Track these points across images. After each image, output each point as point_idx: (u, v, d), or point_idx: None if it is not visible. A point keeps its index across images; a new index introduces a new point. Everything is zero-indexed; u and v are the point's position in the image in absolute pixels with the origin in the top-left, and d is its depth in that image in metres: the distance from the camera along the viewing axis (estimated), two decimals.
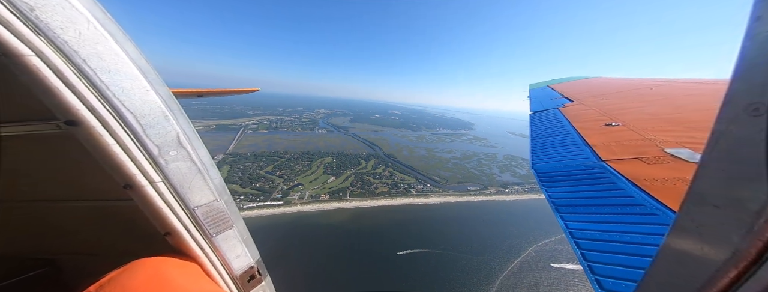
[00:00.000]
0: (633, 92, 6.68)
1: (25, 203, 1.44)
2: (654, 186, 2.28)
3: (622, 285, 1.60)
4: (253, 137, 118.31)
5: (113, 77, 0.93)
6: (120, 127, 0.95)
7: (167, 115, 1.07)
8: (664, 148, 2.94)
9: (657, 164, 2.64)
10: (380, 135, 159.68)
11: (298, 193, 67.93)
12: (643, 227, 1.93)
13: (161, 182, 1.04)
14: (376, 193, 72.52)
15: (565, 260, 46.07)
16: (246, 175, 73.51)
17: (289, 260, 39.78)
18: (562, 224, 2.29)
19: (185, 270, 1.06)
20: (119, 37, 0.97)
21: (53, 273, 1.70)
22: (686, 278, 0.56)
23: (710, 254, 0.51)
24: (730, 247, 0.47)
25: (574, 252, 1.93)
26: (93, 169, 0.97)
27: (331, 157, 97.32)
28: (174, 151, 1.07)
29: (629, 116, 4.46)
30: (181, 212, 1.09)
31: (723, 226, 0.49)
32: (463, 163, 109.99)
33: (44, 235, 1.65)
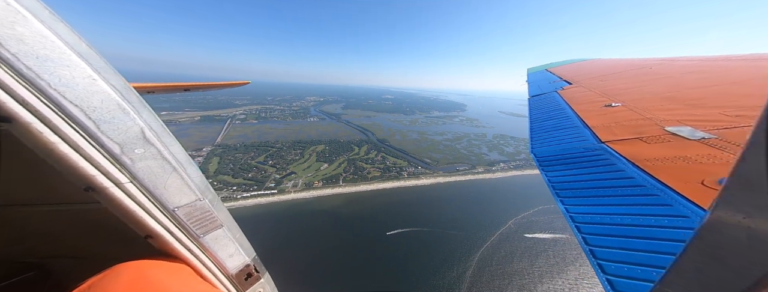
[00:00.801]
0: (632, 72, 6.45)
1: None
2: (655, 166, 2.19)
3: (625, 269, 1.52)
4: (241, 128, 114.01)
5: (44, 64, 0.79)
6: (64, 123, 0.82)
7: (125, 109, 0.95)
8: (664, 126, 2.85)
9: (657, 143, 2.56)
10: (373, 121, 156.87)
11: (292, 181, 68.05)
12: (644, 208, 1.84)
13: (129, 182, 0.95)
14: (369, 177, 73.44)
15: (539, 231, 49.37)
16: (237, 166, 72.30)
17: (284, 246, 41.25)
18: (562, 209, 2.20)
19: (173, 272, 1.03)
20: (44, 17, 0.81)
21: (42, 277, 1.64)
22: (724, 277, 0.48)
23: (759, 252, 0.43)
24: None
25: (576, 237, 1.86)
26: (50, 171, 0.86)
27: (324, 144, 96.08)
28: (140, 148, 0.97)
29: (629, 96, 4.32)
30: (160, 213, 1.02)
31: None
32: (454, 144, 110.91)
33: (27, 239, 1.54)
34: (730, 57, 5.90)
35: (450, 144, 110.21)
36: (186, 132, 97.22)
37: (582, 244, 1.81)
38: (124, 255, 0.95)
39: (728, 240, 0.46)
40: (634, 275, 1.48)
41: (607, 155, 2.64)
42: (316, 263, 38.53)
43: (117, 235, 1.08)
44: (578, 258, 41.80)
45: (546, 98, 5.92)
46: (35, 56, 0.77)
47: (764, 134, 0.39)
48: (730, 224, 0.45)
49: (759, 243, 0.42)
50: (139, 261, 0.95)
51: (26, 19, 0.76)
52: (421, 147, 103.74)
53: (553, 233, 48.34)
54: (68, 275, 1.55)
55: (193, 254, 1.11)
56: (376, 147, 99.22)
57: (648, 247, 1.60)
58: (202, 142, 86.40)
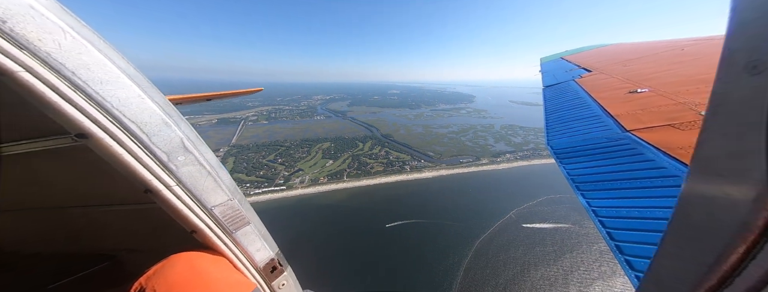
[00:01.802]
0: (661, 55, 6.00)
1: (80, 208, 1.63)
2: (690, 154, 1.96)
3: None
4: (254, 129, 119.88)
5: (106, 88, 0.92)
6: (126, 137, 0.96)
7: (167, 122, 1.08)
8: (701, 111, 2.63)
9: (693, 129, 2.35)
10: (378, 116, 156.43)
11: (299, 178, 71.29)
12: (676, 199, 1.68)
13: (176, 185, 1.08)
14: (372, 172, 74.63)
15: (538, 221, 47.74)
16: (250, 164, 77.08)
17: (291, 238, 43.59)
18: (583, 203, 2.07)
19: (215, 263, 1.16)
20: (101, 46, 0.94)
21: (115, 267, 1.93)
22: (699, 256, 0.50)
23: (720, 227, 0.46)
24: (739, 219, 0.42)
25: (599, 232, 1.75)
26: (118, 177, 1.01)
27: (329, 142, 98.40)
28: (182, 156, 1.10)
29: (658, 81, 4.02)
30: (201, 211, 1.15)
31: (730, 197, 0.43)
32: (459, 136, 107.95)
33: (104, 235, 1.85)
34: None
35: (455, 137, 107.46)
36: (206, 134, 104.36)
37: (607, 239, 1.68)
38: (176, 248, 1.11)
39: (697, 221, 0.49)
40: None
41: (633, 144, 2.46)
42: (318, 253, 40.83)
43: (169, 230, 1.23)
44: (575, 247, 40.46)
45: (562, 88, 5.62)
46: (99, 81, 0.91)
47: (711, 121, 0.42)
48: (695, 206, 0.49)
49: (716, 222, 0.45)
50: (188, 252, 1.11)
51: (89, 49, 0.90)
52: (425, 141, 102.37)
53: (555, 223, 46.49)
54: (134, 265, 1.76)
55: (229, 248, 1.23)
56: (380, 142, 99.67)
57: None
58: (220, 144, 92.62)
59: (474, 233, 45.33)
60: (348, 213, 54.01)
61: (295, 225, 48.24)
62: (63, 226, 1.84)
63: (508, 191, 61.16)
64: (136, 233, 1.75)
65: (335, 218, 52.26)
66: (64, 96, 0.83)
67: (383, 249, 42.75)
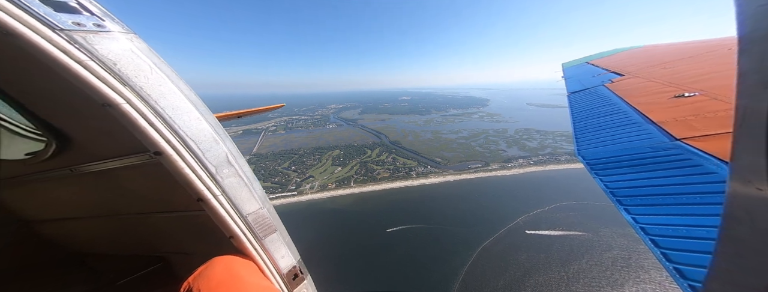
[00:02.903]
0: (706, 56, 5.45)
1: (138, 215, 1.87)
2: None
3: None
4: (272, 138, 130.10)
5: (176, 112, 1.10)
6: (187, 153, 1.12)
7: (216, 140, 1.23)
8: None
9: None
10: (387, 123, 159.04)
11: (309, 184, 75.40)
12: None
13: (221, 195, 1.21)
14: (378, 178, 75.89)
15: (544, 228, 44.40)
16: (267, 172, 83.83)
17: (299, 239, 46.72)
18: (628, 219, 1.88)
19: (248, 267, 1.26)
20: (173, 78, 1.14)
21: (165, 268, 2.15)
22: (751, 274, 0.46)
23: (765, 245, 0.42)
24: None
25: (652, 252, 1.58)
26: (176, 187, 1.16)
27: (339, 149, 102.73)
28: (226, 169, 1.24)
29: (709, 83, 3.70)
30: (238, 219, 1.26)
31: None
32: (469, 142, 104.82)
33: (155, 239, 2.06)
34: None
35: (464, 142, 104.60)
36: None
37: (662, 260, 1.52)
38: (216, 252, 1.24)
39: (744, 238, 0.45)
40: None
41: (687, 154, 2.24)
42: (317, 254, 42.46)
43: (212, 236, 1.33)
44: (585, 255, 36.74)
45: (591, 93, 5.24)
46: (172, 108, 1.09)
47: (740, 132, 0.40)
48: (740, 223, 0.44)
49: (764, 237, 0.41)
50: (226, 256, 1.23)
51: (166, 82, 1.09)
52: (433, 147, 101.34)
53: (564, 230, 42.65)
54: (180, 267, 2.01)
55: (259, 254, 1.33)
56: (388, 149, 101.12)
57: None
58: (243, 153, 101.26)
59: (477, 238, 43.74)
60: (352, 217, 55.46)
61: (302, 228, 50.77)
62: (129, 230, 2.04)
63: (516, 197, 57.98)
64: (185, 237, 1.89)
65: (339, 221, 54.08)
66: (149, 121, 1.01)
67: (382, 253, 43.07)
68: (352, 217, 55.83)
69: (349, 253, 43.75)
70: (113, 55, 0.96)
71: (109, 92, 0.94)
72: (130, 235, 2.15)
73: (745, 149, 0.41)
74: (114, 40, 0.99)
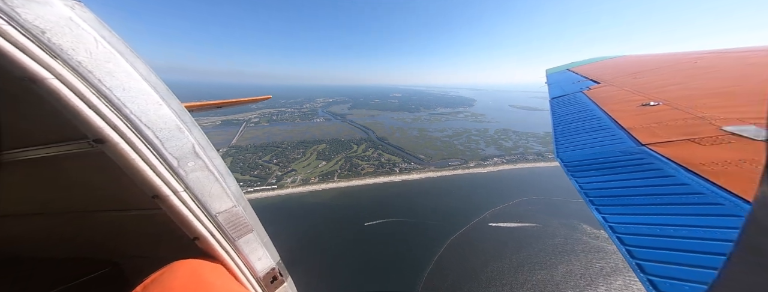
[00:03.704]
0: (673, 68, 5.82)
1: (82, 213, 1.61)
2: (714, 170, 1.95)
3: (685, 287, 1.34)
4: (254, 130, 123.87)
5: (128, 94, 0.95)
6: (141, 142, 0.98)
7: (181, 128, 1.10)
8: (721, 126, 2.54)
9: (715, 145, 2.27)
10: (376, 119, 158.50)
11: (291, 177, 73.78)
12: (705, 219, 1.65)
13: (183, 191, 1.08)
14: (362, 173, 76.33)
15: (509, 221, 48.97)
16: (246, 164, 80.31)
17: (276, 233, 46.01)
18: (599, 218, 1.98)
19: (216, 272, 1.13)
20: (128, 55, 0.98)
21: (116, 273, 1.86)
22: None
23: None
24: None
25: (618, 249, 1.68)
26: (127, 181, 1.00)
27: (325, 144, 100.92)
28: (192, 161, 1.11)
29: (671, 94, 3.91)
30: (205, 218, 1.14)
31: None
32: (452, 140, 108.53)
33: (107, 240, 1.79)
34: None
35: (448, 140, 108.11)
36: (208, 135, 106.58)
37: (627, 257, 1.61)
38: (177, 255, 1.09)
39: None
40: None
41: (650, 158, 2.36)
42: (298, 246, 42.66)
43: (172, 237, 1.20)
44: (534, 243, 42.08)
45: (570, 99, 5.44)
46: (122, 88, 0.93)
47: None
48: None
49: None
50: (188, 260, 1.08)
51: (116, 58, 0.94)
52: (418, 144, 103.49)
53: (521, 223, 48.00)
54: (134, 272, 1.75)
55: (230, 256, 1.21)
56: (375, 145, 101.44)
57: (709, 263, 1.39)
58: (220, 145, 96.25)
59: (448, 230, 46.45)
60: (332, 211, 55.66)
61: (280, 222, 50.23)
62: (72, 230, 1.77)
63: (487, 192, 62.09)
64: (139, 238, 1.68)
65: (319, 215, 54.08)
66: (88, 102, 0.85)
67: (359, 245, 44.18)
68: (332, 211, 55.99)
69: (326, 245, 44.28)
70: (42, 22, 0.80)
71: (30, 64, 0.78)
72: (74, 235, 1.86)
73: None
74: (46, 5, 0.82)
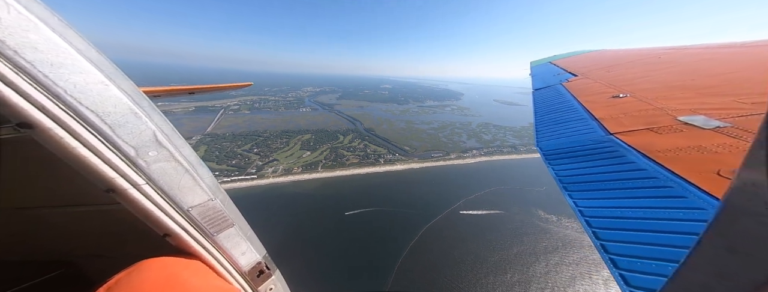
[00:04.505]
0: (640, 62, 6.18)
1: (25, 209, 1.40)
2: (667, 157, 2.08)
3: (638, 263, 1.44)
4: (233, 118, 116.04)
5: (58, 71, 0.79)
6: (82, 127, 0.83)
7: (137, 113, 0.95)
8: (676, 116, 2.71)
9: (670, 133, 2.44)
10: (365, 110, 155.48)
11: (272, 167, 71.18)
12: (657, 201, 1.75)
13: (145, 184, 0.96)
14: (347, 164, 75.72)
15: (475, 208, 52.77)
16: (223, 153, 75.55)
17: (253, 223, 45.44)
18: (571, 203, 2.08)
19: (191, 268, 1.05)
20: (54, 24, 0.81)
21: (73, 274, 1.69)
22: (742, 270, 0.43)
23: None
24: None
25: (586, 231, 1.78)
26: (71, 173, 0.87)
27: (310, 134, 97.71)
28: (153, 151, 0.98)
29: (637, 86, 4.16)
30: (175, 213, 1.04)
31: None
32: (437, 132, 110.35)
33: (57, 239, 1.59)
34: (744, 43, 5.66)
35: (433, 133, 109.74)
36: (180, 122, 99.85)
37: (593, 239, 1.70)
38: (146, 253, 0.99)
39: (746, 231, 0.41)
40: (648, 270, 1.39)
41: (616, 146, 2.49)
42: (275, 236, 42.48)
43: (138, 234, 1.10)
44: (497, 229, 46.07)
45: (551, 91, 5.61)
46: (50, 64, 0.77)
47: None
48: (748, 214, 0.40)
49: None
50: (160, 258, 0.99)
51: (38, 27, 0.76)
52: (405, 136, 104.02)
53: (490, 210, 51.99)
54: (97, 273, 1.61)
55: (208, 252, 1.14)
56: (361, 136, 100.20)
57: (662, 240, 1.50)
58: (193, 132, 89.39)
59: (424, 219, 48.75)
60: (314, 201, 55.33)
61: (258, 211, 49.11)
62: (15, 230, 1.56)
63: (464, 182, 65.14)
64: (97, 236, 1.53)
65: (301, 205, 53.61)
66: (3, 78, 0.70)
67: (338, 233, 45.01)
68: (314, 200, 55.63)
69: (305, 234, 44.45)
70: None
71: None
72: (19, 235, 1.55)
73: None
74: None
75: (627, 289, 1.34)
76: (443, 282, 34.96)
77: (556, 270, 37.21)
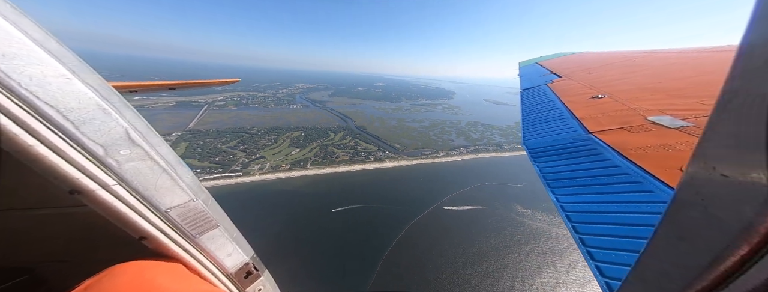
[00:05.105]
0: (618, 64, 6.58)
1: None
2: (638, 154, 2.23)
3: (612, 255, 1.54)
4: (218, 114, 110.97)
5: (11, 62, 0.72)
6: (40, 124, 0.76)
7: (106, 109, 0.88)
8: (646, 116, 2.90)
9: (641, 132, 2.60)
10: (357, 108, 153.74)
11: (259, 165, 68.80)
12: (628, 196, 1.87)
13: (117, 184, 0.89)
14: (337, 161, 74.54)
15: (458, 204, 54.19)
16: (205, 150, 72.18)
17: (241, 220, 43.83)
18: (553, 199, 2.18)
19: (171, 272, 0.99)
20: (6, 12, 0.75)
21: (35, 282, 1.50)
22: (690, 256, 0.47)
23: (718, 230, 0.41)
24: (742, 221, 0.37)
25: (566, 225, 1.87)
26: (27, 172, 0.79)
27: (300, 131, 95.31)
28: (125, 150, 0.92)
29: (614, 88, 4.40)
30: (152, 215, 0.98)
31: (732, 198, 0.39)
32: (427, 131, 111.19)
33: (17, 244, 1.37)
34: (708, 48, 6.16)
35: (424, 131, 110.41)
36: (158, 117, 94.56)
37: (572, 233, 1.79)
38: (120, 257, 0.92)
39: (690, 220, 0.46)
40: (620, 261, 1.48)
41: (594, 145, 2.63)
42: (260, 233, 41.44)
43: (110, 237, 1.01)
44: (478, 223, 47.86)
45: (537, 91, 5.85)
46: (1, 54, 0.71)
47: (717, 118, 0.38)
48: (691, 206, 0.45)
49: (715, 222, 0.42)
50: (135, 262, 0.92)
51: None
52: (396, 133, 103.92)
53: (471, 206, 53.74)
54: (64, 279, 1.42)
55: (191, 255, 1.08)
56: (352, 133, 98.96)
57: (631, 233, 1.60)
58: (173, 128, 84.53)
59: (410, 215, 49.37)
60: (301, 198, 54.30)
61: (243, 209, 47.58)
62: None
63: (450, 179, 66.51)
64: (65, 241, 1.37)
65: (287, 202, 52.42)
66: None
67: (324, 230, 44.55)
68: (301, 198, 54.59)
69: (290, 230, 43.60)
70: None
71: None
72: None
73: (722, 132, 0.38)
74: None
75: (602, 280, 1.40)
76: (425, 275, 35.72)
77: (526, 260, 39.52)
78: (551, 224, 47.78)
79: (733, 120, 0.37)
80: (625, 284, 0.65)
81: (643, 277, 0.58)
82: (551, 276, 36.85)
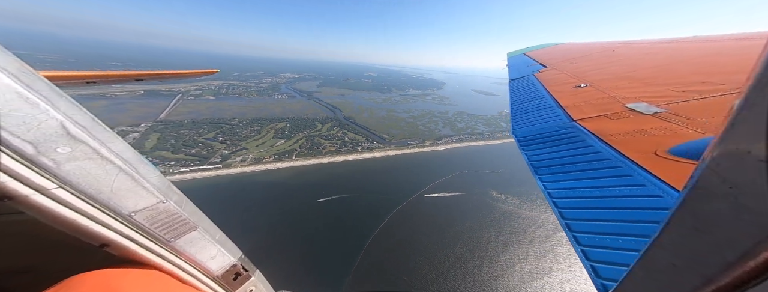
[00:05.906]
0: (599, 55, 6.78)
1: None
2: (617, 140, 2.33)
3: (597, 239, 1.59)
4: (193, 104, 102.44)
5: None
6: None
7: (30, 99, 0.73)
8: (625, 103, 3.01)
9: (620, 119, 2.70)
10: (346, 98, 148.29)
11: (241, 156, 65.40)
12: (609, 180, 1.94)
13: (58, 188, 0.77)
14: (323, 152, 72.69)
15: (439, 191, 56.07)
16: (180, 142, 66.92)
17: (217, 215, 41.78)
18: (540, 185, 2.25)
19: (144, 279, 0.92)
20: None
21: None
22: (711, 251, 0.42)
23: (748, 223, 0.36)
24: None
25: (553, 212, 1.94)
26: None
27: (285, 122, 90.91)
28: (65, 147, 0.78)
29: (596, 77, 4.55)
30: (112, 220, 0.88)
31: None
32: (416, 121, 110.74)
33: None
34: (678, 39, 6.30)
35: (412, 121, 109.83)
36: (123, 107, 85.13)
37: (559, 218, 1.81)
38: (82, 266, 0.82)
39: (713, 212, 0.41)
40: (605, 245, 1.52)
41: (578, 132, 2.70)
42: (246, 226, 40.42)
43: (66, 245, 0.88)
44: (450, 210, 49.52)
45: (524, 81, 5.95)
46: None
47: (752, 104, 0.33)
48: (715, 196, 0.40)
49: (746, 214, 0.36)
50: (100, 271, 0.82)
51: None
52: (384, 124, 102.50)
53: (452, 193, 55.62)
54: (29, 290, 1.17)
55: (166, 260, 0.99)
56: (340, 124, 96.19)
57: (613, 217, 1.63)
58: (141, 118, 77.03)
59: (393, 203, 50.18)
60: (286, 190, 53.05)
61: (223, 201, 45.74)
62: None
63: (434, 168, 67.70)
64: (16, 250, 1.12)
65: (271, 194, 51.01)
66: None
67: (308, 220, 44.29)
68: (285, 189, 53.32)
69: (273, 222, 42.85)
70: None
71: None
72: None
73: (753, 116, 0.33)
74: None
75: (588, 263, 1.47)
76: (404, 259, 37.07)
77: (495, 240, 42.28)
78: (519, 207, 50.86)
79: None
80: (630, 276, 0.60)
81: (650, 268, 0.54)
82: (515, 252, 39.83)
